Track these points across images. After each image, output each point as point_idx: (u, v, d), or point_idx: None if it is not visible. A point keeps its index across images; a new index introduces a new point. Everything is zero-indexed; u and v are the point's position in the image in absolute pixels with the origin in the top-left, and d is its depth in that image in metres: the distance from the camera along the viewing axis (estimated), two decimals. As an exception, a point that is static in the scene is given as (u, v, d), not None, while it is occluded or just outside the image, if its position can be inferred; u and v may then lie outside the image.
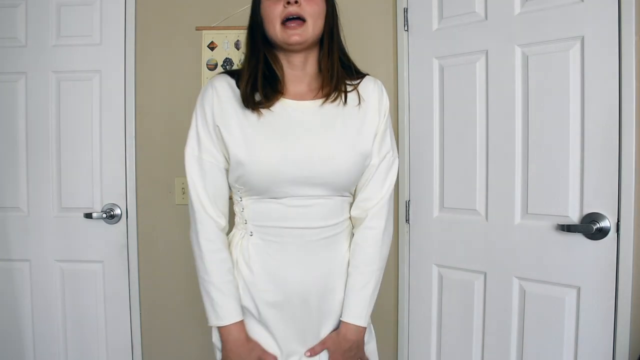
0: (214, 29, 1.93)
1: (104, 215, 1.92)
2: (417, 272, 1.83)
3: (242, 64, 1.13)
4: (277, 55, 1.09)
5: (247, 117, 1.05)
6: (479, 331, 1.66)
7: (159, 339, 2.00)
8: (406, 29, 1.83)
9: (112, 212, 1.92)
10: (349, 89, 1.10)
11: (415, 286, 1.84)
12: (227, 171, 1.08)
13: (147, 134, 1.96)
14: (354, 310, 1.10)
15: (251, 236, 1.09)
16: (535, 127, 1.51)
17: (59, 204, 1.95)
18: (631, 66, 1.34)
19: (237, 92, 1.07)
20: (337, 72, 1.09)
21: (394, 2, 1.86)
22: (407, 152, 1.83)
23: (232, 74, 1.12)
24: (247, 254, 1.09)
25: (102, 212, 1.92)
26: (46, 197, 1.94)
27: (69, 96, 1.93)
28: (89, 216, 1.90)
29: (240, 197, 1.09)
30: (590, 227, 1.38)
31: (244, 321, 1.09)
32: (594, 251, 1.40)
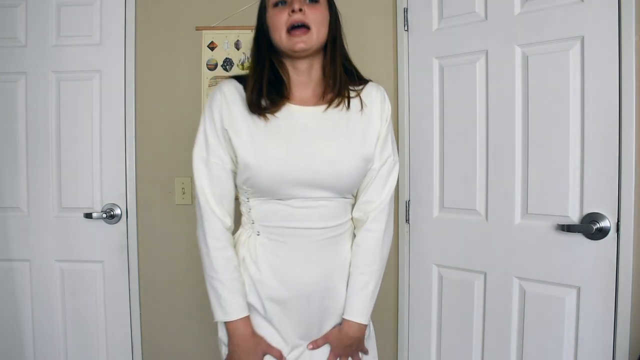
0: (214, 29, 1.93)
1: (104, 215, 1.92)
2: (417, 272, 1.83)
3: (248, 69, 1.16)
4: (283, 61, 1.13)
5: (255, 122, 1.08)
6: (479, 331, 1.66)
7: (159, 339, 2.00)
8: (406, 29, 1.83)
9: (112, 212, 1.92)
10: (352, 94, 1.14)
11: (415, 286, 1.84)
12: (233, 173, 1.12)
13: (147, 134, 1.96)
14: (356, 308, 1.14)
15: (258, 235, 1.13)
16: (535, 127, 1.51)
17: (59, 204, 1.95)
18: (631, 66, 1.34)
19: (244, 97, 1.11)
20: (341, 78, 1.12)
21: (394, 2, 1.86)
22: (407, 152, 1.83)
23: (239, 79, 1.15)
24: (254, 252, 1.12)
25: (102, 212, 1.92)
26: (46, 197, 1.94)
27: (69, 96, 1.93)
28: (89, 216, 1.91)
29: (247, 198, 1.13)
30: (590, 227, 1.38)
31: (250, 317, 1.12)
32: (594, 251, 1.40)
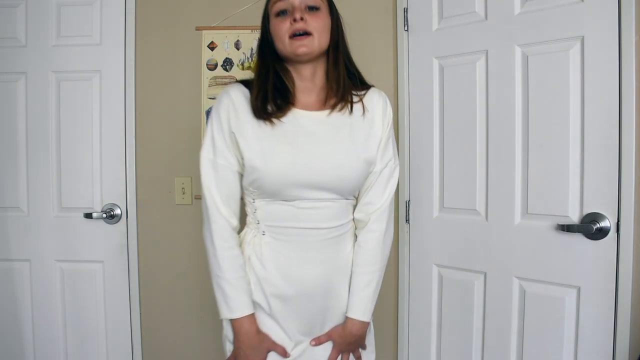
0: (214, 29, 1.93)
1: (104, 215, 1.92)
2: (417, 272, 1.83)
3: (253, 73, 1.19)
4: (288, 68, 1.16)
5: (261, 126, 1.12)
6: (479, 331, 1.66)
7: (159, 339, 2.00)
8: (406, 29, 1.83)
9: (112, 212, 1.92)
10: (354, 99, 1.18)
11: (415, 286, 1.84)
12: (240, 174, 1.15)
13: (147, 134, 1.96)
14: (359, 307, 1.18)
15: (263, 235, 1.16)
16: (535, 127, 1.51)
17: (59, 204, 1.95)
18: (631, 66, 1.34)
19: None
20: (344, 83, 1.16)
21: (394, 2, 1.86)
22: (407, 152, 1.83)
23: (246, 83, 1.19)
24: (260, 251, 1.15)
25: (102, 212, 1.92)
26: (46, 197, 1.94)
27: (69, 96, 1.93)
28: (89, 216, 1.91)
29: (253, 199, 1.16)
30: (590, 227, 1.38)
31: (255, 314, 1.15)
32: (594, 251, 1.40)
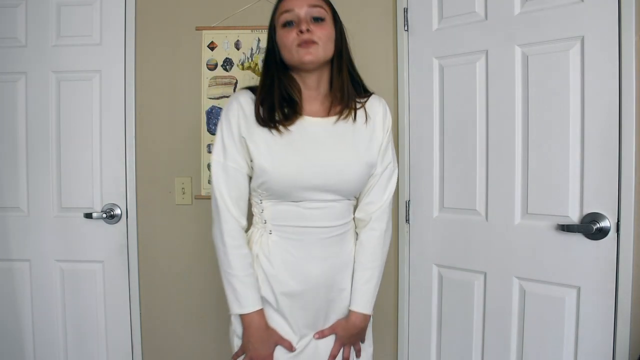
0: (214, 29, 1.93)
1: (104, 215, 1.92)
2: (417, 272, 1.83)
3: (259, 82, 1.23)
4: (294, 77, 1.21)
5: (271, 131, 1.16)
6: (479, 331, 1.66)
7: (159, 339, 2.00)
8: (406, 29, 1.83)
9: (112, 212, 1.92)
10: (357, 106, 1.23)
11: (415, 286, 1.84)
12: (249, 177, 1.20)
13: (147, 134, 1.96)
14: (361, 300, 1.24)
15: (270, 234, 1.21)
16: (535, 127, 1.51)
17: (59, 204, 1.95)
18: (631, 66, 1.34)
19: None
20: (348, 91, 1.21)
21: (394, 2, 1.86)
22: (407, 152, 1.83)
23: (253, 90, 1.23)
24: (267, 249, 1.20)
25: (102, 212, 1.92)
26: (46, 197, 1.94)
27: (69, 96, 1.93)
28: (89, 216, 1.91)
29: (260, 200, 1.21)
30: (590, 227, 1.38)
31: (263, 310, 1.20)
32: (594, 251, 1.40)
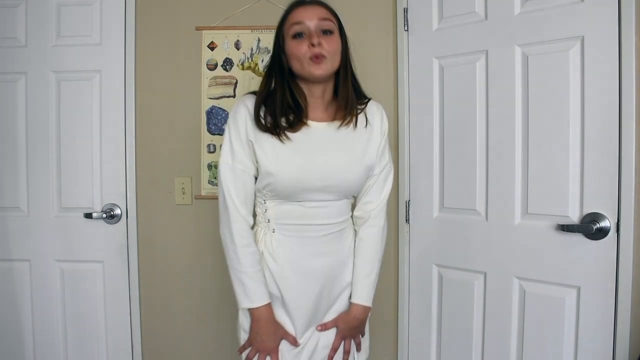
0: (214, 29, 1.93)
1: (104, 215, 1.92)
2: (417, 272, 1.83)
3: (260, 87, 1.27)
4: (300, 85, 1.25)
5: (275, 137, 1.21)
6: (479, 331, 1.66)
7: (159, 339, 2.00)
8: (406, 29, 1.83)
9: (112, 212, 1.93)
10: (357, 112, 1.28)
11: (415, 286, 1.84)
12: (255, 178, 1.25)
13: (147, 134, 1.96)
14: (362, 293, 1.31)
15: (273, 232, 1.26)
16: (535, 127, 1.51)
17: (59, 204, 1.95)
18: (631, 66, 1.34)
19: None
20: (352, 100, 1.26)
21: (394, 2, 1.86)
22: (407, 152, 1.83)
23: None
24: (272, 247, 1.26)
25: (102, 212, 1.92)
26: (46, 197, 1.94)
27: (69, 96, 1.93)
28: (89, 216, 1.91)
29: (264, 200, 1.26)
30: (590, 227, 1.38)
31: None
32: (594, 251, 1.40)
